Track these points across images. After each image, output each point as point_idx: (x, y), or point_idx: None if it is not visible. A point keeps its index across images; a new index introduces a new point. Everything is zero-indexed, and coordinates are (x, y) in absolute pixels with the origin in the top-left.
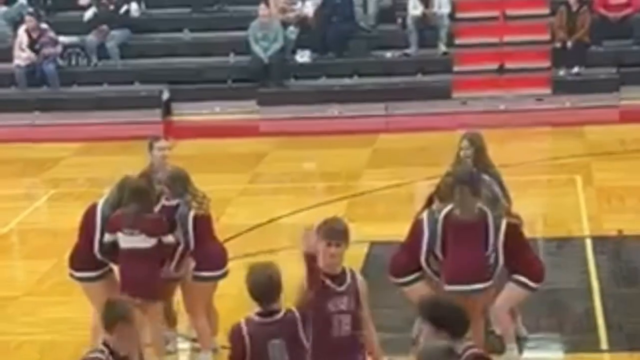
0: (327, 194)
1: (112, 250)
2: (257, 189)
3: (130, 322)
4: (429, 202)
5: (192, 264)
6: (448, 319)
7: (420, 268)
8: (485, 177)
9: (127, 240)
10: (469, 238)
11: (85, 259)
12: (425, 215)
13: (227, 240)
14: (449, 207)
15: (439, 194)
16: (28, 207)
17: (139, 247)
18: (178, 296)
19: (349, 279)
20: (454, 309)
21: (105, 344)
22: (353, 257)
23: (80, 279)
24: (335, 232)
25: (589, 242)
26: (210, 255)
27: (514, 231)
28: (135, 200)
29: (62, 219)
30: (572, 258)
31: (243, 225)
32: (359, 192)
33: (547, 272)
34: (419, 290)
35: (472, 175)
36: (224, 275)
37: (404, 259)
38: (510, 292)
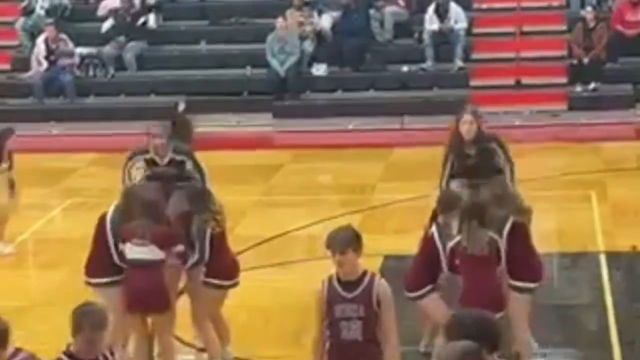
0: (342, 207)
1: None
2: (272, 201)
3: (99, 328)
4: (434, 215)
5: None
6: (480, 333)
7: (433, 280)
8: (494, 147)
9: (136, 251)
10: (480, 271)
11: (99, 266)
12: (435, 229)
13: (241, 252)
14: (457, 239)
15: (441, 207)
16: (43, 217)
17: (147, 258)
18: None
19: (363, 286)
20: (484, 322)
21: (67, 350)
22: None
23: (97, 285)
24: (335, 242)
25: (603, 258)
26: (223, 265)
27: (519, 231)
28: (144, 213)
29: (77, 229)
30: (586, 273)
31: (257, 237)
32: (374, 205)
33: (561, 287)
34: (434, 302)
35: (479, 206)
36: (234, 285)
37: (417, 275)
38: (519, 304)
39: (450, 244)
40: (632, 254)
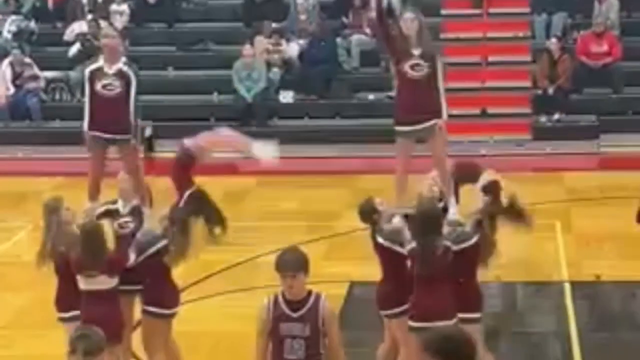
0: (308, 234)
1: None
2: (237, 227)
3: (91, 354)
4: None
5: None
6: (458, 352)
7: (406, 301)
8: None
9: (88, 283)
10: (437, 276)
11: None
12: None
13: (206, 277)
14: (413, 245)
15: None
16: (7, 240)
17: (100, 288)
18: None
19: (309, 305)
20: (464, 341)
21: None
22: (333, 297)
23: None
24: (286, 265)
25: (567, 287)
26: (163, 293)
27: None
28: (87, 244)
29: None
30: (551, 303)
31: (223, 263)
32: (340, 232)
33: (526, 316)
34: (405, 325)
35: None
36: (174, 314)
37: (390, 289)
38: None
39: (409, 247)
40: (596, 284)
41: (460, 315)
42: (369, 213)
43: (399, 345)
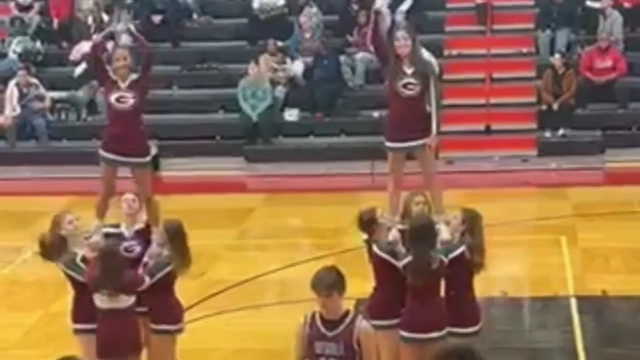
0: (314, 251)
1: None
2: (244, 244)
3: None
4: None
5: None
6: None
7: (398, 315)
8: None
9: (105, 301)
10: (431, 288)
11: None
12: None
13: (213, 295)
14: (408, 259)
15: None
16: (15, 261)
17: (118, 307)
18: None
19: (344, 325)
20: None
21: None
22: None
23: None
24: (320, 284)
25: (573, 302)
26: (171, 310)
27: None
28: (105, 264)
29: (50, 272)
30: (557, 318)
31: (230, 281)
32: (345, 249)
33: (533, 332)
34: (394, 338)
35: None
36: (182, 330)
37: (382, 300)
38: None
39: (403, 262)
40: (602, 298)
41: (454, 329)
42: (368, 222)
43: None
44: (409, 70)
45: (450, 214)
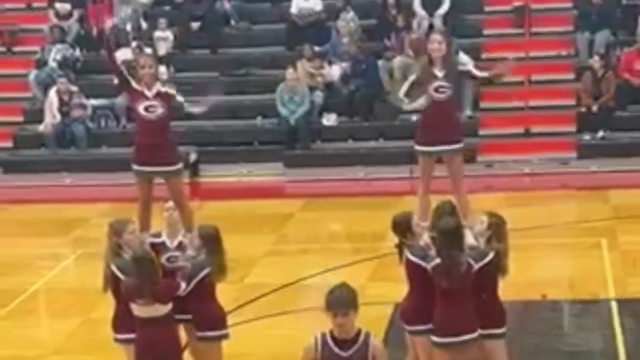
0: (353, 255)
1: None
2: (283, 249)
3: None
4: None
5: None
6: None
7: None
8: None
9: (142, 310)
10: (460, 291)
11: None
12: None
13: (252, 300)
14: (437, 260)
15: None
16: (55, 267)
17: (154, 315)
18: None
19: (358, 345)
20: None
21: None
22: (377, 319)
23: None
24: (338, 303)
25: (614, 305)
26: (216, 316)
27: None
28: (139, 273)
29: (89, 279)
30: (598, 321)
31: (269, 286)
32: (385, 254)
33: (573, 335)
34: (429, 342)
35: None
36: (228, 335)
37: (416, 305)
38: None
39: (432, 264)
40: None
41: (485, 331)
42: (403, 227)
43: None
44: (440, 74)
45: (476, 218)
